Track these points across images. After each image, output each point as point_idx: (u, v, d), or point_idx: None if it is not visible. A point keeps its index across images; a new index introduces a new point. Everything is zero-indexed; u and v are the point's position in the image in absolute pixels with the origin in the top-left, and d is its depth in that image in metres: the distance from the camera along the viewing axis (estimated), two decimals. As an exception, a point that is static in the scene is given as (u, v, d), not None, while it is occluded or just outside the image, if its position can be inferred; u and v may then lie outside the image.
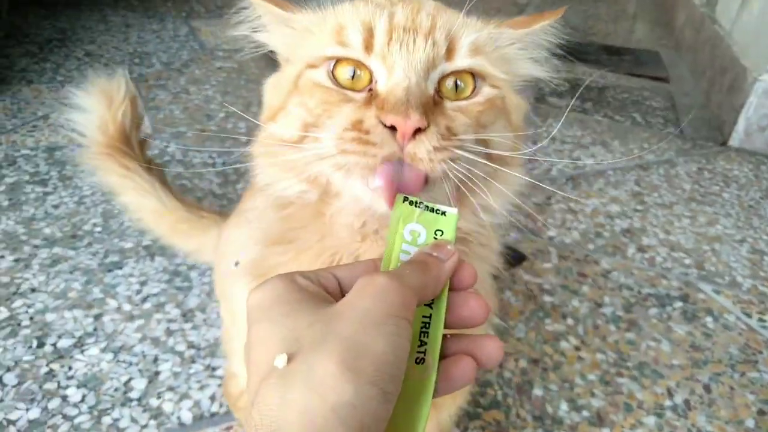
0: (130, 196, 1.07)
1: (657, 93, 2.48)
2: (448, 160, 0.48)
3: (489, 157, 0.52)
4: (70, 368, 1.04)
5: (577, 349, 1.18)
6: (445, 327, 0.43)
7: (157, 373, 1.05)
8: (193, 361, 1.07)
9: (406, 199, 0.45)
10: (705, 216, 1.66)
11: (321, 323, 0.36)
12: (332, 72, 0.53)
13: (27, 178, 1.51)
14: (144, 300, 1.19)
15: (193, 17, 2.81)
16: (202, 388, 1.03)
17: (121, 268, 1.26)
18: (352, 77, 0.52)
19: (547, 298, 1.30)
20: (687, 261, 1.46)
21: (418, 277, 0.40)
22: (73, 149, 1.65)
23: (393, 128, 0.46)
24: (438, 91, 0.52)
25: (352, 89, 0.52)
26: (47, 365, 1.04)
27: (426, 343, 0.42)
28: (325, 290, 0.41)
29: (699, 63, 2.61)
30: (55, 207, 1.42)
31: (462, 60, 0.53)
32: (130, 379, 1.03)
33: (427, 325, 0.43)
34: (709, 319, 1.28)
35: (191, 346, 1.10)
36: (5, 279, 1.20)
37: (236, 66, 2.31)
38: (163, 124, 1.83)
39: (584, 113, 2.24)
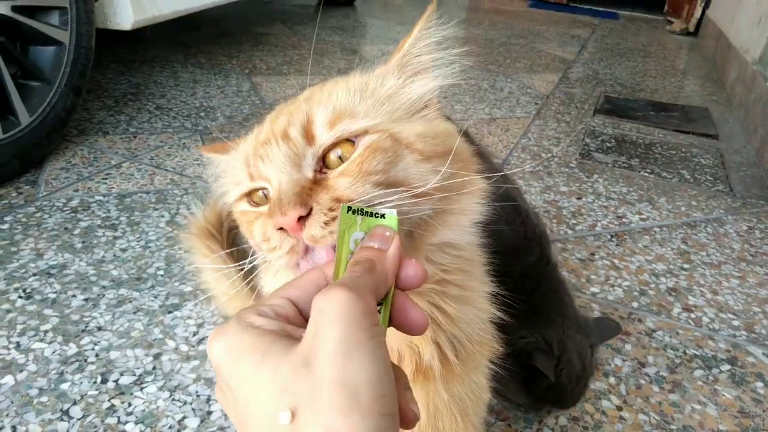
0: (207, 275, 1.20)
1: (706, 150, 2.46)
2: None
3: (416, 196, 0.53)
4: (129, 404, 1.11)
5: (619, 408, 1.18)
6: (393, 324, 0.44)
7: (209, 413, 1.11)
8: (243, 403, 1.13)
9: (350, 209, 0.46)
10: (755, 276, 1.63)
11: (302, 368, 0.35)
12: (251, 199, 0.58)
13: (99, 222, 1.64)
14: (200, 342, 1.27)
15: (255, 74, 3.00)
16: (250, 429, 1.08)
17: (179, 309, 1.35)
18: (265, 195, 0.57)
19: (588, 356, 1.30)
20: (735, 322, 1.44)
21: (369, 279, 0.40)
22: (141, 196, 1.78)
23: (283, 229, 0.49)
24: (324, 167, 0.54)
25: (260, 204, 0.58)
26: (109, 400, 1.12)
27: None
28: (286, 320, 0.40)
29: (750, 120, 2.59)
30: (123, 250, 1.53)
31: (323, 138, 0.55)
32: (184, 418, 1.10)
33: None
34: (759, 384, 1.26)
35: (241, 387, 1.16)
36: (75, 317, 1.30)
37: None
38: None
39: (630, 169, 2.25)
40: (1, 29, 1.69)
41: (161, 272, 1.46)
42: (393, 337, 0.59)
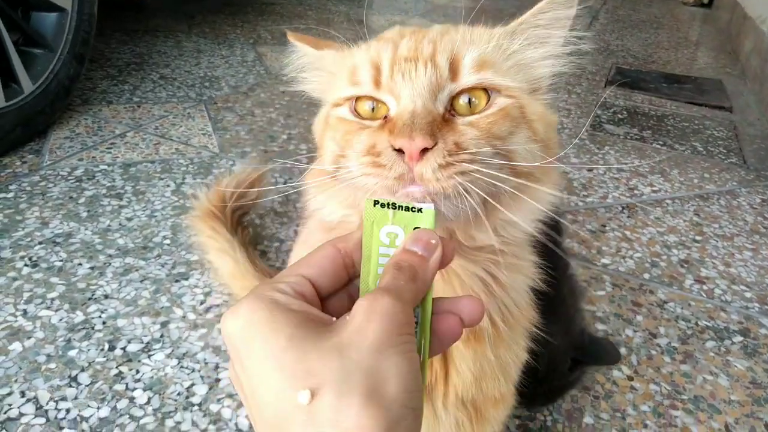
0: (212, 255, 1.25)
1: (719, 122, 2.42)
2: (459, 175, 0.48)
3: (512, 170, 0.53)
4: (137, 371, 1.11)
5: (630, 378, 1.17)
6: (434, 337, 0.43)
7: (217, 380, 1.10)
8: (251, 371, 1.12)
9: (376, 202, 0.45)
10: (769, 249, 1.60)
11: (334, 354, 0.35)
12: (355, 108, 0.57)
13: (104, 191, 1.62)
14: (207, 310, 1.26)
15: (260, 44, 2.95)
16: (258, 396, 1.07)
17: (187, 279, 1.34)
18: (372, 110, 0.56)
19: (600, 326, 1.29)
20: (748, 294, 1.42)
21: (411, 289, 0.40)
22: (146, 166, 1.76)
23: (402, 151, 0.48)
24: (452, 108, 0.54)
25: (373, 119, 0.56)
26: (117, 368, 1.11)
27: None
28: (303, 298, 0.40)
29: (766, 92, 2.54)
30: (129, 219, 1.52)
31: (466, 78, 0.54)
32: (192, 385, 1.09)
33: (416, 323, 0.42)
34: (771, 356, 1.24)
35: (249, 356, 1.16)
36: (82, 285, 1.30)
37: (299, 90, 2.40)
38: (229, 144, 1.93)
39: (642, 141, 2.21)
40: (1, -6, 1.66)
41: (167, 241, 1.45)
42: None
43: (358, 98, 0.57)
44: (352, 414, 0.33)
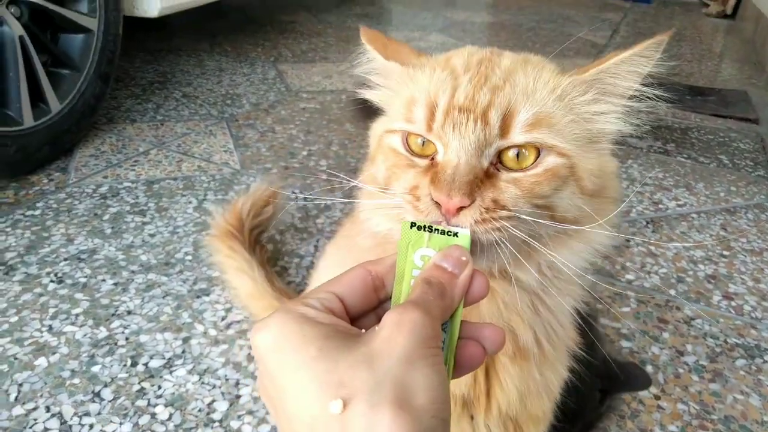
0: (230, 275, 1.25)
1: (745, 134, 2.38)
2: (495, 231, 0.50)
3: (553, 218, 0.54)
4: (159, 387, 1.11)
5: (657, 398, 1.14)
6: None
7: (238, 397, 1.10)
8: (271, 387, 1.12)
9: (413, 225, 0.45)
10: (800, 264, 1.56)
11: (364, 364, 0.35)
12: (407, 140, 0.58)
13: (128, 208, 1.65)
14: (228, 326, 1.26)
15: (281, 61, 2.99)
16: (278, 413, 1.07)
17: (208, 294, 1.35)
18: (422, 144, 0.57)
19: (625, 344, 1.26)
20: (779, 311, 1.38)
21: (439, 305, 0.41)
22: (169, 183, 1.78)
23: (438, 204, 0.50)
24: (499, 161, 0.54)
25: (422, 155, 0.57)
26: (139, 383, 1.12)
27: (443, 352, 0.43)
28: (333, 313, 0.40)
29: (793, 103, 2.49)
30: (152, 236, 1.54)
31: (517, 137, 0.53)
32: (213, 401, 1.09)
33: (444, 336, 0.42)
34: (804, 375, 1.20)
35: (270, 372, 1.15)
36: (105, 301, 1.31)
37: (319, 107, 2.43)
38: (250, 161, 1.95)
39: (666, 154, 2.18)
40: (32, 17, 1.71)
41: (189, 257, 1.46)
42: (494, 319, 0.61)
43: (410, 133, 0.58)
44: (384, 424, 0.33)
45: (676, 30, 4.28)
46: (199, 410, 1.07)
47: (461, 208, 0.49)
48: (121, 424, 1.03)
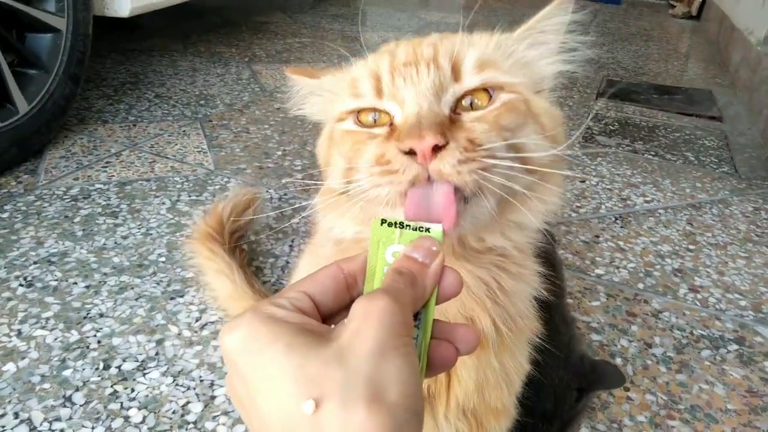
0: (210, 276, 1.25)
1: (710, 132, 2.44)
2: (480, 171, 0.48)
3: (525, 169, 0.54)
4: (132, 390, 1.10)
5: (626, 389, 1.17)
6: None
7: (213, 398, 1.10)
8: (247, 387, 1.12)
9: (384, 221, 0.44)
10: (762, 257, 1.61)
11: (334, 362, 0.35)
12: (358, 119, 0.57)
13: (100, 210, 1.63)
14: (203, 327, 1.26)
15: (255, 62, 2.97)
16: (254, 413, 1.07)
17: (182, 296, 1.34)
18: (374, 121, 0.56)
19: (594, 337, 1.29)
20: (743, 303, 1.43)
21: (409, 293, 0.40)
22: (142, 184, 1.77)
23: (412, 153, 0.47)
24: (455, 110, 0.54)
25: (379, 126, 0.56)
26: (112, 386, 1.11)
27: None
28: (302, 313, 0.40)
29: (755, 102, 2.57)
30: (124, 237, 1.52)
31: (470, 79, 0.55)
32: (187, 403, 1.09)
33: (416, 332, 0.42)
34: (767, 363, 1.25)
35: (245, 372, 1.15)
36: (77, 304, 1.29)
37: (300, 114, 2.42)
38: (224, 161, 1.94)
39: (634, 152, 2.23)
40: (-3, 16, 1.68)
41: (163, 259, 1.45)
42: (452, 304, 0.60)
43: (360, 110, 0.57)
44: (357, 422, 0.33)
45: (645, 31, 4.37)
46: (174, 412, 1.07)
47: (437, 150, 0.47)
48: (93, 428, 1.02)
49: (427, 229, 0.44)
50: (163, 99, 2.41)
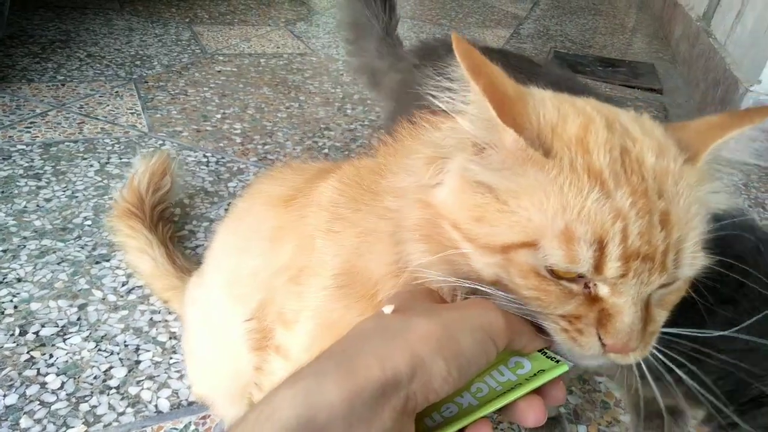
0: (130, 255, 1.19)
1: (650, 104, 2.50)
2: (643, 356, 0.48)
3: None
4: (51, 356, 1.05)
5: (557, 348, 1.19)
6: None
7: (137, 362, 1.06)
8: (175, 352, 1.09)
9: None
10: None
11: (431, 309, 0.43)
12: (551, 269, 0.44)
13: (21, 172, 1.53)
14: (129, 291, 1.21)
15: (197, 23, 2.85)
16: (181, 377, 1.04)
17: (108, 260, 1.28)
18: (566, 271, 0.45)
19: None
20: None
21: (518, 322, 0.44)
22: (69, 145, 1.67)
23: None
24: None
25: (567, 278, 0.44)
26: (28, 353, 1.05)
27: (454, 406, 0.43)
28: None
29: (693, 75, 2.64)
30: (47, 200, 1.44)
31: (684, 273, 0.46)
32: (110, 368, 1.04)
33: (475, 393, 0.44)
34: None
35: (173, 336, 1.12)
36: (-6, 269, 1.22)
37: (236, 70, 2.34)
38: (160, 123, 1.86)
39: (577, 122, 2.25)
40: None
41: (89, 222, 1.38)
42: None
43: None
44: (418, 327, 0.40)
45: (593, 5, 4.42)
46: (95, 377, 1.02)
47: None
48: (5, 396, 0.97)
49: (558, 361, 0.46)
50: (95, 58, 2.29)
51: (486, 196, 0.45)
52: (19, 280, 1.20)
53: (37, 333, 1.09)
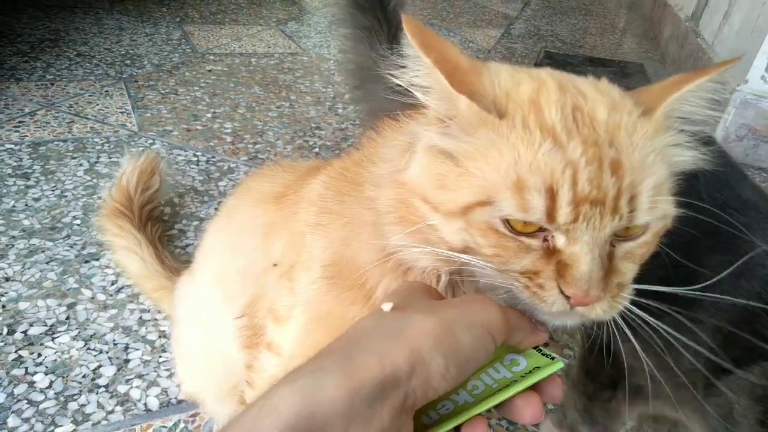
0: (119, 254, 1.18)
1: (640, 103, 2.52)
2: (618, 312, 0.47)
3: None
4: (39, 355, 1.05)
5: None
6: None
7: (126, 361, 1.06)
8: (164, 350, 1.08)
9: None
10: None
11: (430, 305, 0.43)
12: (507, 222, 0.46)
13: (9, 171, 1.52)
14: (119, 290, 1.20)
15: (187, 22, 2.85)
16: (170, 375, 1.04)
17: (98, 259, 1.28)
18: (524, 223, 0.46)
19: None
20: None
21: (516, 317, 0.45)
22: (58, 145, 1.67)
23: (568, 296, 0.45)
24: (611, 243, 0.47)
25: (526, 233, 0.46)
26: (16, 352, 1.05)
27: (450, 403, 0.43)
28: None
29: (682, 75, 2.66)
30: (36, 200, 1.43)
31: (641, 219, 0.46)
32: (99, 366, 1.04)
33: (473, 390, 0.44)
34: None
35: (163, 335, 1.11)
36: (-18, 268, 1.22)
37: (226, 69, 2.34)
38: (149, 123, 1.85)
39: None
40: None
41: (78, 221, 1.38)
42: None
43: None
44: (418, 324, 0.40)
45: (584, 6, 4.44)
46: (84, 376, 1.02)
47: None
48: (-7, 394, 0.97)
49: (553, 358, 0.46)
50: (85, 58, 2.28)
51: (448, 164, 0.47)
52: (7, 279, 1.20)
53: (25, 332, 1.09)
